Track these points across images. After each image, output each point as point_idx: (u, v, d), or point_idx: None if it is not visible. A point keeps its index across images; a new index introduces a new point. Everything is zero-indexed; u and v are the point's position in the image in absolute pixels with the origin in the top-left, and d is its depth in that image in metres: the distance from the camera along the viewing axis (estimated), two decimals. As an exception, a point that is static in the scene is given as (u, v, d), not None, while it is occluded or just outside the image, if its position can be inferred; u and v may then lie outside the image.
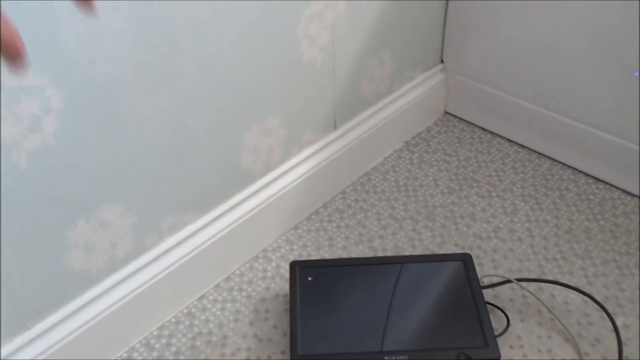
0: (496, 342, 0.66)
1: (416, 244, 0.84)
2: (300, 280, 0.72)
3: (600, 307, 0.69)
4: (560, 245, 0.84)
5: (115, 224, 0.65)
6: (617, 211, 0.89)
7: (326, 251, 0.84)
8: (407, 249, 0.84)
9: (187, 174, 0.70)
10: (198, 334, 0.73)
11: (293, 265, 0.74)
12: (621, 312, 0.75)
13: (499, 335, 0.71)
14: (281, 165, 0.82)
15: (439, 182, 0.94)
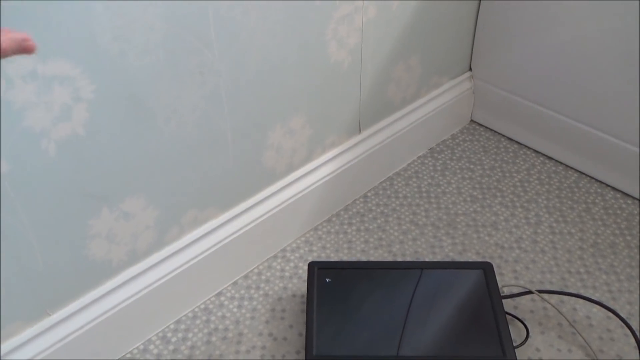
0: (514, 353, 0.64)
1: (436, 251, 0.84)
2: (318, 281, 0.72)
3: (624, 322, 0.67)
4: (584, 259, 0.82)
5: (138, 216, 0.65)
6: (644, 227, 0.87)
7: (345, 254, 0.83)
8: (427, 256, 0.83)
9: (210, 170, 0.70)
10: (214, 330, 0.73)
11: (312, 266, 0.74)
12: (645, 329, 0.73)
13: (518, 347, 0.70)
14: (304, 165, 0.82)
15: (462, 190, 0.93)
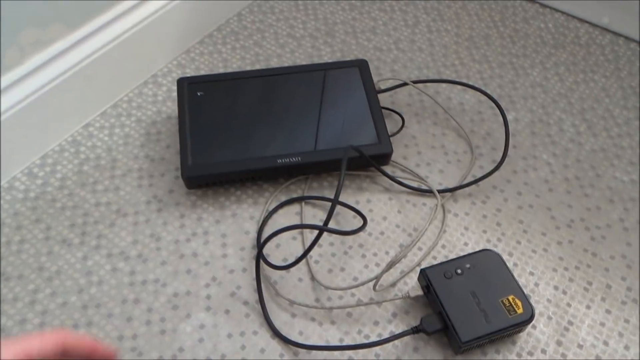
0: (389, 139, 0.65)
1: (315, 60, 0.81)
2: (189, 96, 0.68)
3: (493, 101, 0.69)
4: (459, 53, 0.83)
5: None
6: (517, 17, 0.88)
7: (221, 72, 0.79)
8: (305, 65, 0.80)
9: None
10: (85, 160, 0.69)
11: (181, 82, 0.69)
12: (513, 107, 0.76)
13: (394, 135, 0.71)
14: (161, -23, 0.74)
15: (340, -1, 0.89)
